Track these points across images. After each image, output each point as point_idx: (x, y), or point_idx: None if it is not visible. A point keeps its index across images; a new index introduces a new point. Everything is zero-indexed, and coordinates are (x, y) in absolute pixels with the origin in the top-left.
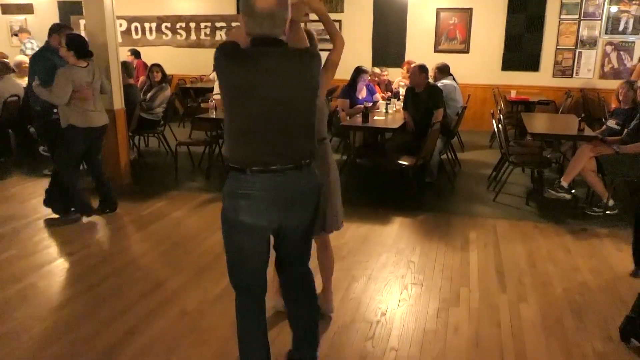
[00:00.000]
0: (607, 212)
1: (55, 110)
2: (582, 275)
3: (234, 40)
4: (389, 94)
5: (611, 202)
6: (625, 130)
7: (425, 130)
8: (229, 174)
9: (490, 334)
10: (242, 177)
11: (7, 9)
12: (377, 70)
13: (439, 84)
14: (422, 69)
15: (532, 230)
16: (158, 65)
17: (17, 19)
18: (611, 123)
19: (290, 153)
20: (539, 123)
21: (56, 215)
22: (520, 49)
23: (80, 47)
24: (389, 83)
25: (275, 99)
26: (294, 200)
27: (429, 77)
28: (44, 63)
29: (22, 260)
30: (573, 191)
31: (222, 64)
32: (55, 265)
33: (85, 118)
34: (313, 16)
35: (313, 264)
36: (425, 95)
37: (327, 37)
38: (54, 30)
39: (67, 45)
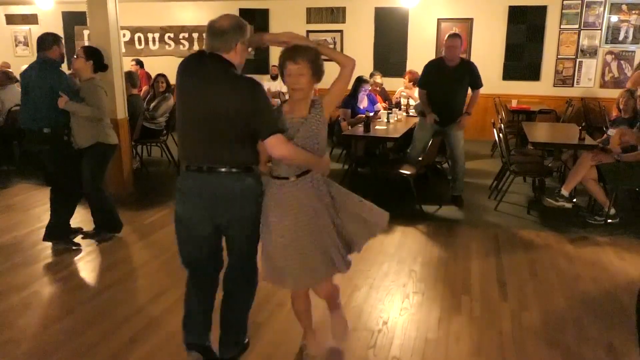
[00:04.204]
0: (609, 220)
1: (66, 131)
2: (584, 284)
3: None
4: (387, 103)
5: (612, 211)
6: None
7: (451, 114)
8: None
9: (491, 343)
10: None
11: (12, 20)
12: (377, 78)
13: None
14: (459, 37)
15: (533, 239)
16: (163, 76)
17: (22, 29)
18: (612, 132)
19: (212, 157)
20: (540, 132)
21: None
22: (521, 59)
23: (100, 59)
24: (384, 90)
25: (201, 105)
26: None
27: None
28: (65, 77)
29: (25, 268)
30: (574, 200)
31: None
32: (57, 274)
33: (112, 134)
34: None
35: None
36: (460, 71)
37: (329, 47)
38: (53, 42)
39: (88, 56)
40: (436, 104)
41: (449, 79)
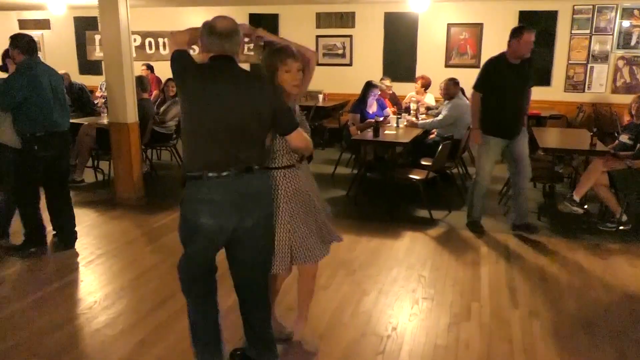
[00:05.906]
0: (620, 227)
1: None
2: (595, 291)
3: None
4: (396, 107)
5: (624, 218)
6: (638, 145)
7: (520, 122)
8: (187, 182)
9: (501, 350)
10: (199, 182)
11: (24, 25)
12: (387, 83)
13: (457, 99)
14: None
15: (544, 245)
16: (173, 80)
17: (34, 34)
18: (623, 138)
19: (241, 158)
20: (550, 137)
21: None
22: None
23: None
24: (393, 95)
25: (225, 109)
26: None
27: (440, 91)
28: None
29: (33, 273)
30: (585, 206)
31: (183, 75)
32: (63, 278)
33: None
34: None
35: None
36: (527, 67)
37: (338, 51)
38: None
39: None
40: (508, 111)
41: (518, 79)
